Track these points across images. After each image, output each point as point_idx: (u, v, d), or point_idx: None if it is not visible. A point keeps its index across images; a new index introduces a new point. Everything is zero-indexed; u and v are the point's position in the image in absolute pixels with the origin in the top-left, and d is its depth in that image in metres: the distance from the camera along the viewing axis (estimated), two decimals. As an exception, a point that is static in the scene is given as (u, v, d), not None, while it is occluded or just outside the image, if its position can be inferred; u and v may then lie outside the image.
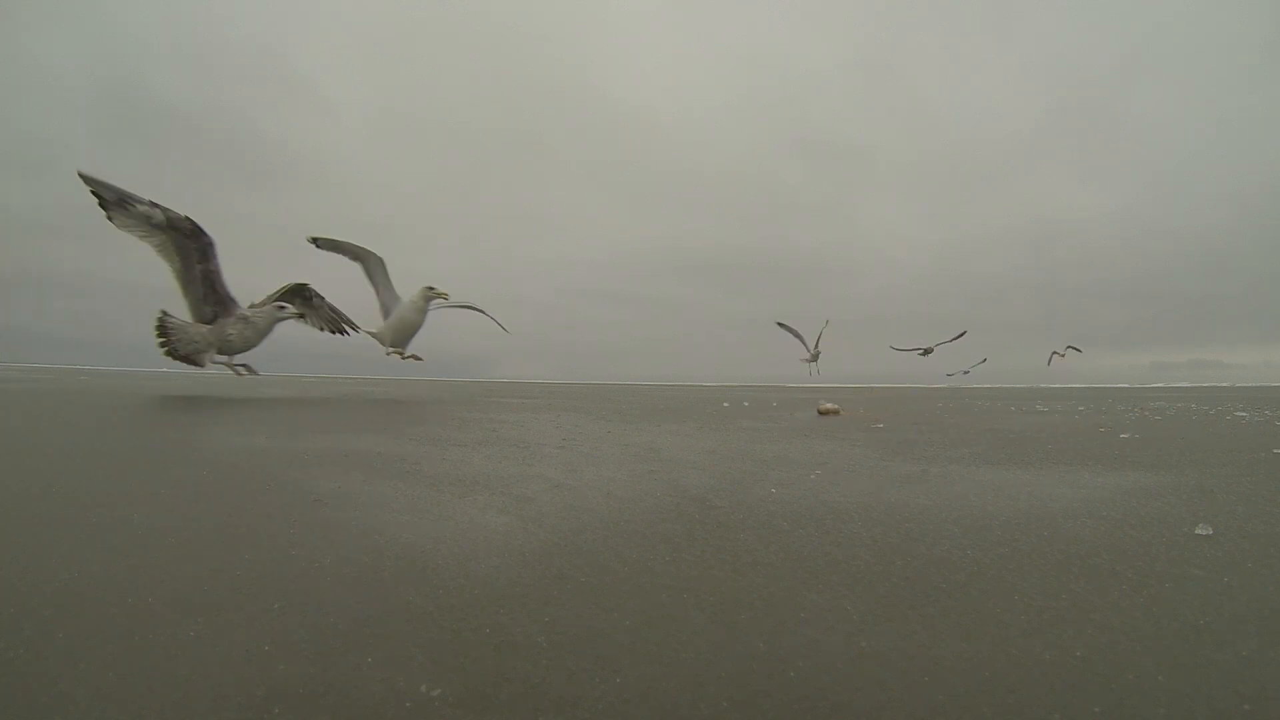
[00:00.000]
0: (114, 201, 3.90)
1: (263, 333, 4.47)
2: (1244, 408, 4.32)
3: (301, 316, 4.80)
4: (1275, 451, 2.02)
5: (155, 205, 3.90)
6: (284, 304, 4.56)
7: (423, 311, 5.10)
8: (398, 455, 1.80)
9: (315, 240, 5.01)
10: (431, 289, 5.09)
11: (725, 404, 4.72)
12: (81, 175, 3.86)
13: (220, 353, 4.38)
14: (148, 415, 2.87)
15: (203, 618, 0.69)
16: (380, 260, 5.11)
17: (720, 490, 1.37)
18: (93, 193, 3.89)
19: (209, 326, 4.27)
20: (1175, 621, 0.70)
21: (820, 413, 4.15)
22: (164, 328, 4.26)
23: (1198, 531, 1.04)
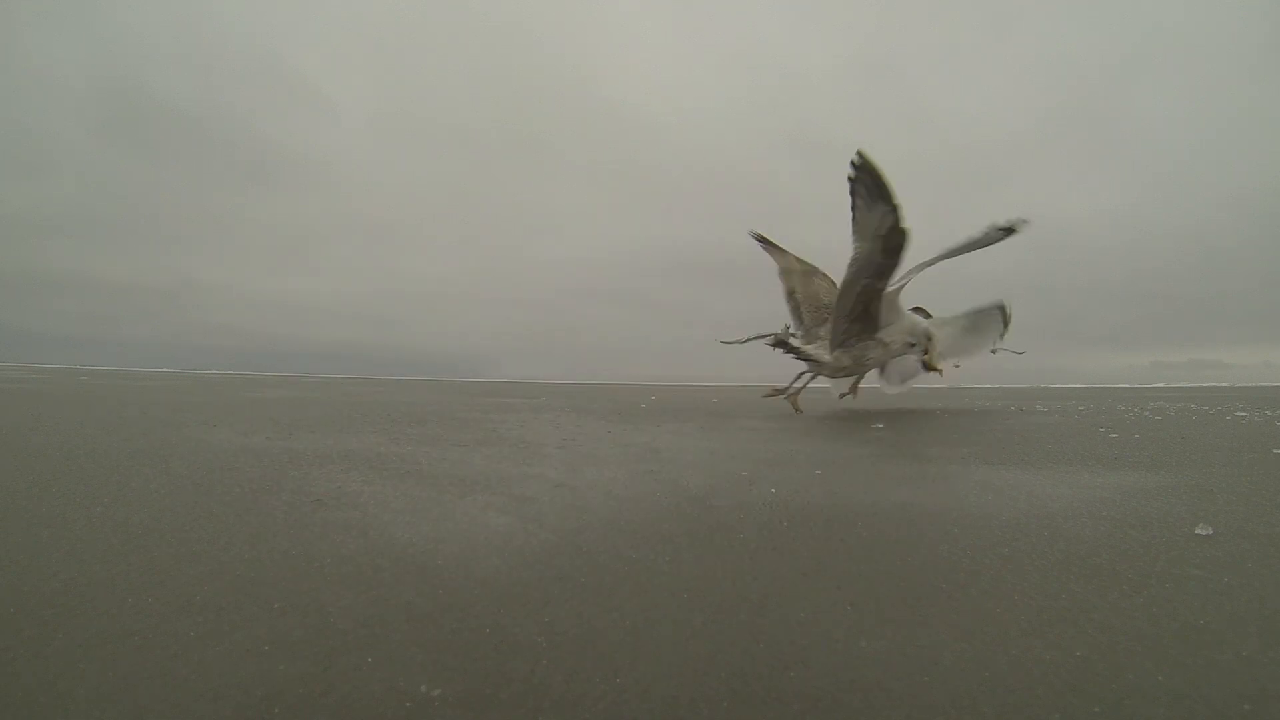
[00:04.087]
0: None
1: (894, 355, 3.46)
2: (1244, 408, 4.32)
3: (931, 369, 3.51)
4: (1275, 451, 2.02)
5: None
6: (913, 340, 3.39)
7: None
8: (398, 455, 1.80)
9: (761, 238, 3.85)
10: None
11: (715, 400, 4.73)
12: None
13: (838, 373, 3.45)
14: (148, 415, 2.87)
15: (203, 618, 0.69)
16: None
17: (720, 490, 1.37)
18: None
19: (841, 350, 3.30)
20: (1175, 621, 0.70)
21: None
22: (785, 345, 3.37)
23: (1198, 531, 1.04)
